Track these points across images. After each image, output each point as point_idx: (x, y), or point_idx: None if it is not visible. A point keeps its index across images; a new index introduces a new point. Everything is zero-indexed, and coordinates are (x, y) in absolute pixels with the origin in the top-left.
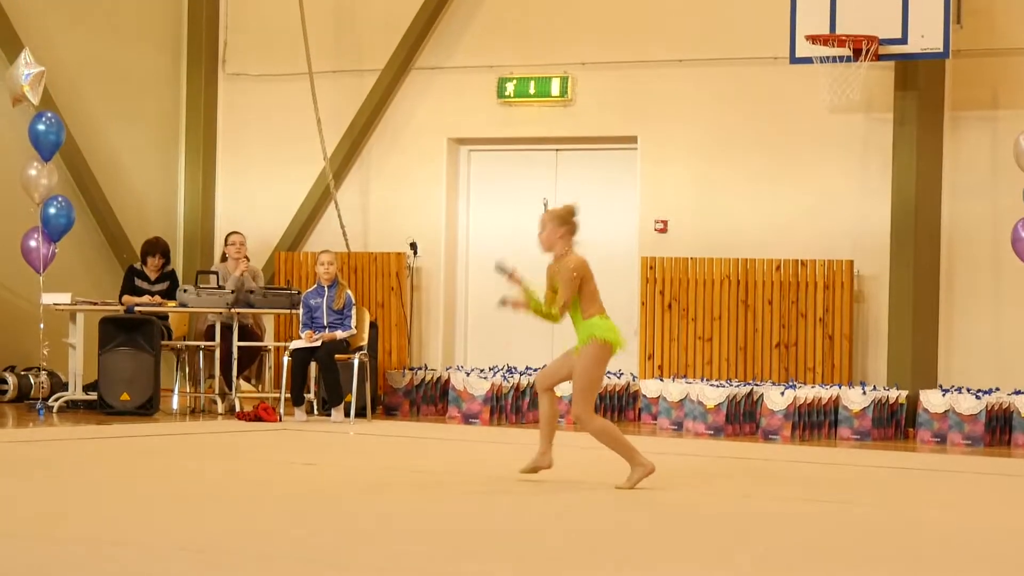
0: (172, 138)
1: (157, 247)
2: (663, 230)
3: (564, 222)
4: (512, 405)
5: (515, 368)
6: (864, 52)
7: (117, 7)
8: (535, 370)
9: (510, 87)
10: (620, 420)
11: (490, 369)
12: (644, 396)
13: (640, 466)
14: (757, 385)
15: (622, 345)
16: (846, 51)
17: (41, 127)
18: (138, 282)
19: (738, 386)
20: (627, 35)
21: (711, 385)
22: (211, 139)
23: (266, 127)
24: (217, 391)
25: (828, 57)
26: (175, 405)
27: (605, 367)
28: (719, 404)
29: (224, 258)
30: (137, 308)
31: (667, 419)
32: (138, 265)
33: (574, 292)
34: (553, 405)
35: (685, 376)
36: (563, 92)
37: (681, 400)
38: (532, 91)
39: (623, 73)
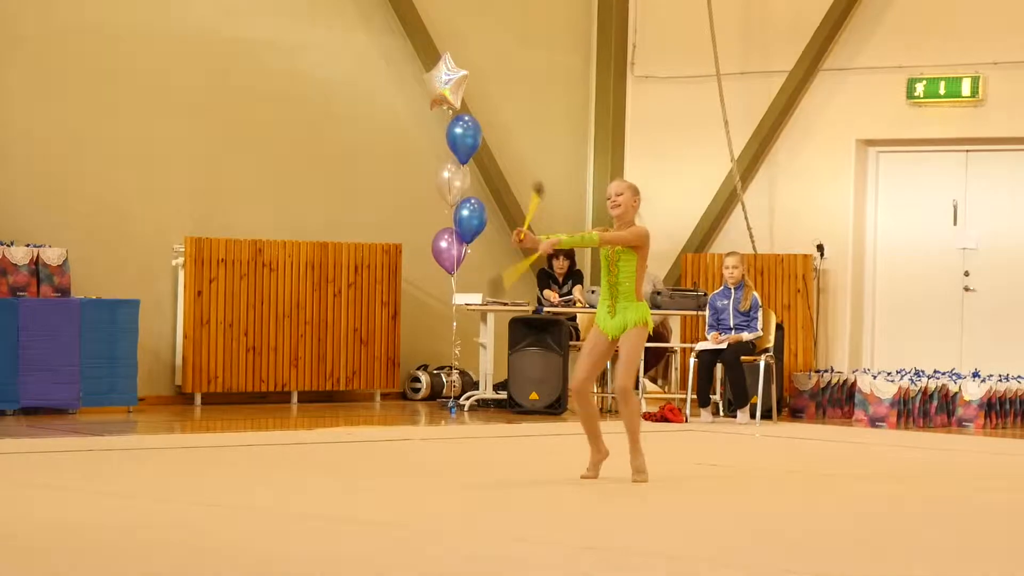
0: (581, 140)
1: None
2: None
3: (638, 194)
4: (920, 409)
5: (923, 371)
6: None
7: (528, 11)
8: (943, 373)
9: (920, 88)
10: None
11: (897, 372)
12: None
13: (640, 455)
14: None
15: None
16: None
17: (459, 130)
18: (549, 284)
19: None
20: None
21: None
22: (619, 141)
23: (673, 128)
24: None
25: None
26: None
27: None
28: None
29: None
30: (546, 310)
31: None
32: (546, 267)
33: (629, 245)
34: (592, 402)
35: None
36: (974, 92)
37: None
38: (942, 92)
39: None
